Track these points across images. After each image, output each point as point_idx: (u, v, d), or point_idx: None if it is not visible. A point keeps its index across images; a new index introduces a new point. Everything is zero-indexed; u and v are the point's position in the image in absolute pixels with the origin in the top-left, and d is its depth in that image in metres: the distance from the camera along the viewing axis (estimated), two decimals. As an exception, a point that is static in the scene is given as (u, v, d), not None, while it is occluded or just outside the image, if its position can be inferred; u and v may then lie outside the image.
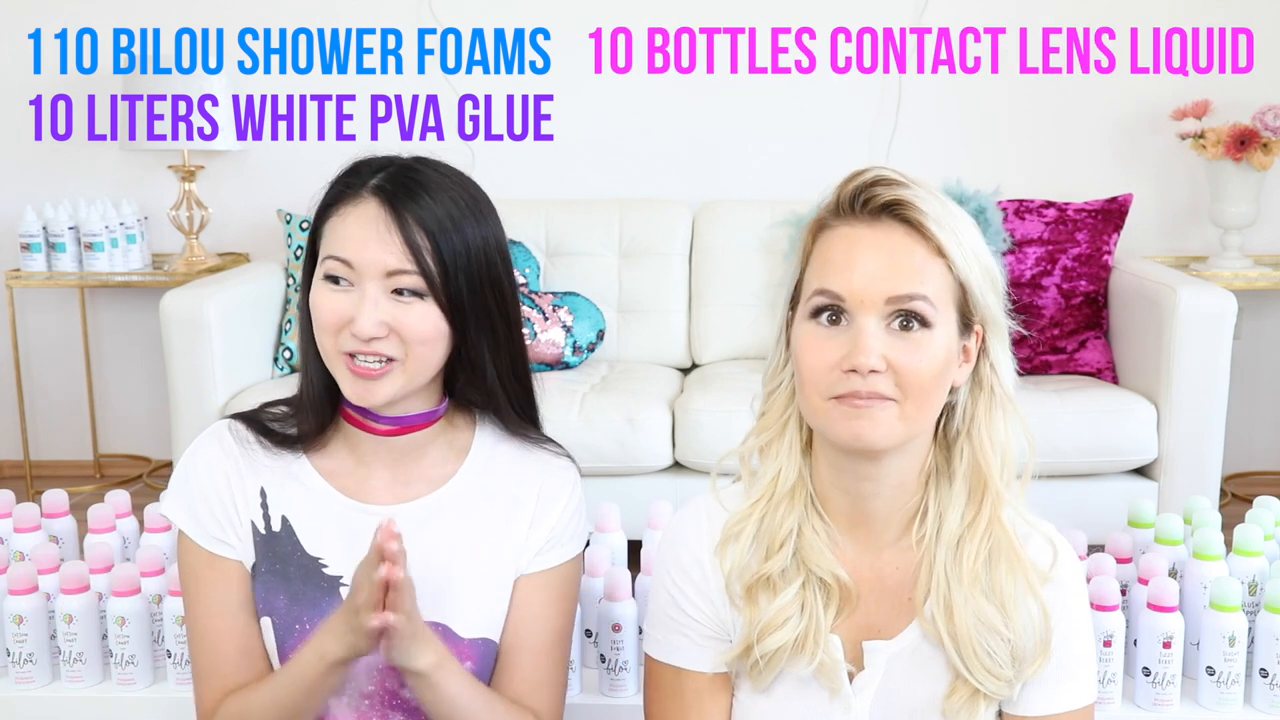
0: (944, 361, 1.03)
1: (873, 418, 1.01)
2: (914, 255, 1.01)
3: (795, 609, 1.08)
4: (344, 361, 1.15)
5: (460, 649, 1.19)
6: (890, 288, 1.00)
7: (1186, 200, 3.37)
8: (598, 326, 3.06)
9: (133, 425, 3.61)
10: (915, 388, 1.01)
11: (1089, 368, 2.90)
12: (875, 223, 1.03)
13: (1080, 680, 1.10)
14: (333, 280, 1.14)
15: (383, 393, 1.15)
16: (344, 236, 1.14)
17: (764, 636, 1.08)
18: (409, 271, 1.12)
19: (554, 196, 3.34)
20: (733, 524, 1.11)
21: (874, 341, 1.00)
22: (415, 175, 1.16)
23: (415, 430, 1.22)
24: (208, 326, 2.68)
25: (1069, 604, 1.10)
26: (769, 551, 1.09)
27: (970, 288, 1.04)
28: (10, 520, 1.69)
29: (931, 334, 1.01)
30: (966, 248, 1.03)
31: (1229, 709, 1.44)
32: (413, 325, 1.13)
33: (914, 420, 1.03)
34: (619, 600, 1.48)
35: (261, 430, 1.23)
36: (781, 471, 1.11)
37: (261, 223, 3.46)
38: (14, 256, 3.32)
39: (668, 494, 2.58)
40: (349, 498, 1.22)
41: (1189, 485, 2.57)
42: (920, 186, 1.04)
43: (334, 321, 1.14)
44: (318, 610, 1.18)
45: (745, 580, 1.10)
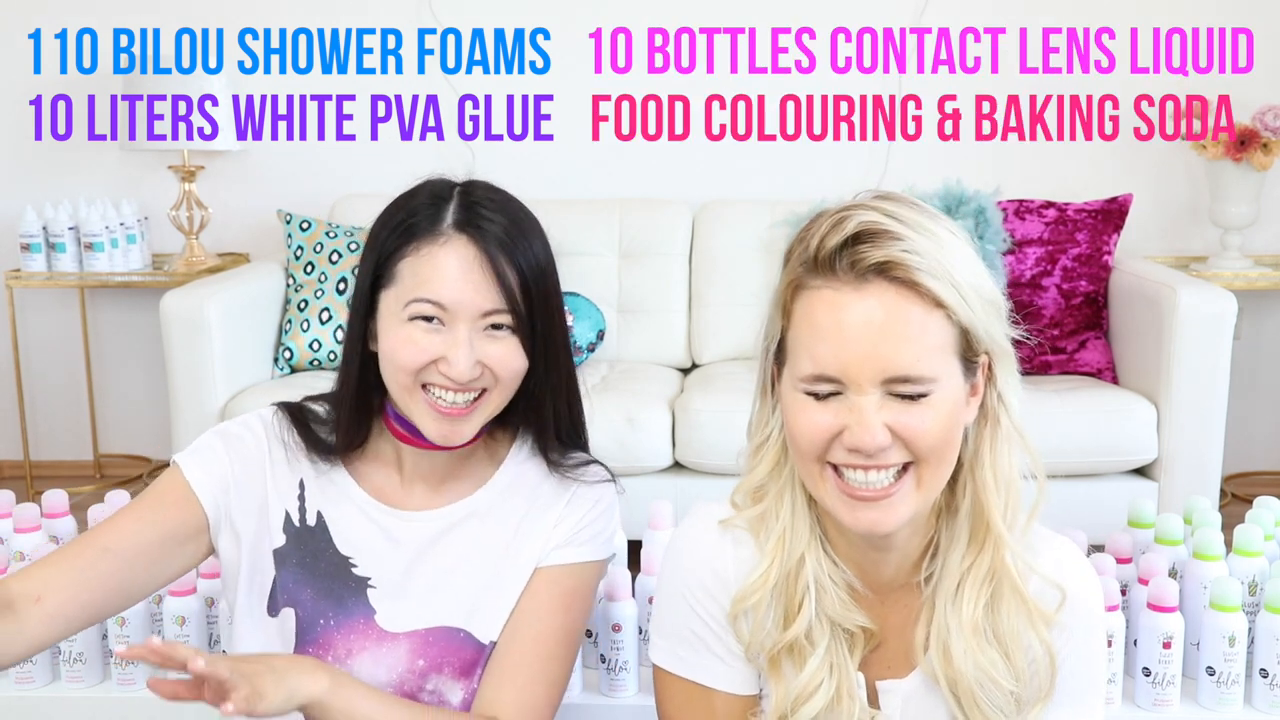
0: (953, 413, 0.95)
1: (889, 507, 0.95)
2: (910, 320, 0.92)
3: (825, 671, 1.03)
4: (424, 399, 1.14)
5: (479, 654, 1.20)
6: (886, 367, 0.92)
7: (1186, 200, 3.37)
8: (598, 326, 3.06)
9: (133, 425, 3.61)
10: (927, 450, 0.94)
11: (1089, 368, 2.90)
12: (863, 285, 0.92)
13: (1091, 704, 1.08)
14: (423, 320, 1.13)
15: (468, 430, 1.16)
16: (434, 278, 1.12)
17: (798, 707, 1.03)
18: (502, 310, 1.13)
19: (554, 196, 3.33)
20: (744, 597, 1.04)
21: (874, 417, 0.92)
22: (490, 207, 1.15)
23: (462, 446, 1.21)
24: (208, 326, 2.68)
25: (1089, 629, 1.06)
26: (788, 616, 1.03)
27: (974, 329, 0.95)
28: (10, 520, 1.69)
29: (935, 396, 0.93)
30: (965, 285, 0.93)
31: (1229, 709, 1.43)
32: (503, 360, 1.14)
33: (933, 483, 0.97)
34: (619, 600, 1.47)
35: (305, 432, 1.24)
36: (787, 532, 1.04)
37: (261, 223, 3.46)
38: (14, 256, 3.32)
39: (668, 494, 2.58)
40: (383, 503, 1.23)
41: (1189, 485, 2.58)
42: (906, 223, 0.93)
43: (423, 362, 1.13)
44: (342, 608, 1.19)
45: (768, 650, 1.04)
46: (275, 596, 1.21)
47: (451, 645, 1.20)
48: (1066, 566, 1.06)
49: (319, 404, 1.27)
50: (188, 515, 1.19)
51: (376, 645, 1.19)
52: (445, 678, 1.19)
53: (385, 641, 1.19)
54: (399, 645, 1.19)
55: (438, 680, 1.19)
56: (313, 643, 1.19)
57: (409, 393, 1.15)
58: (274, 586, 1.21)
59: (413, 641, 1.19)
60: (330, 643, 1.19)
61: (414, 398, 1.15)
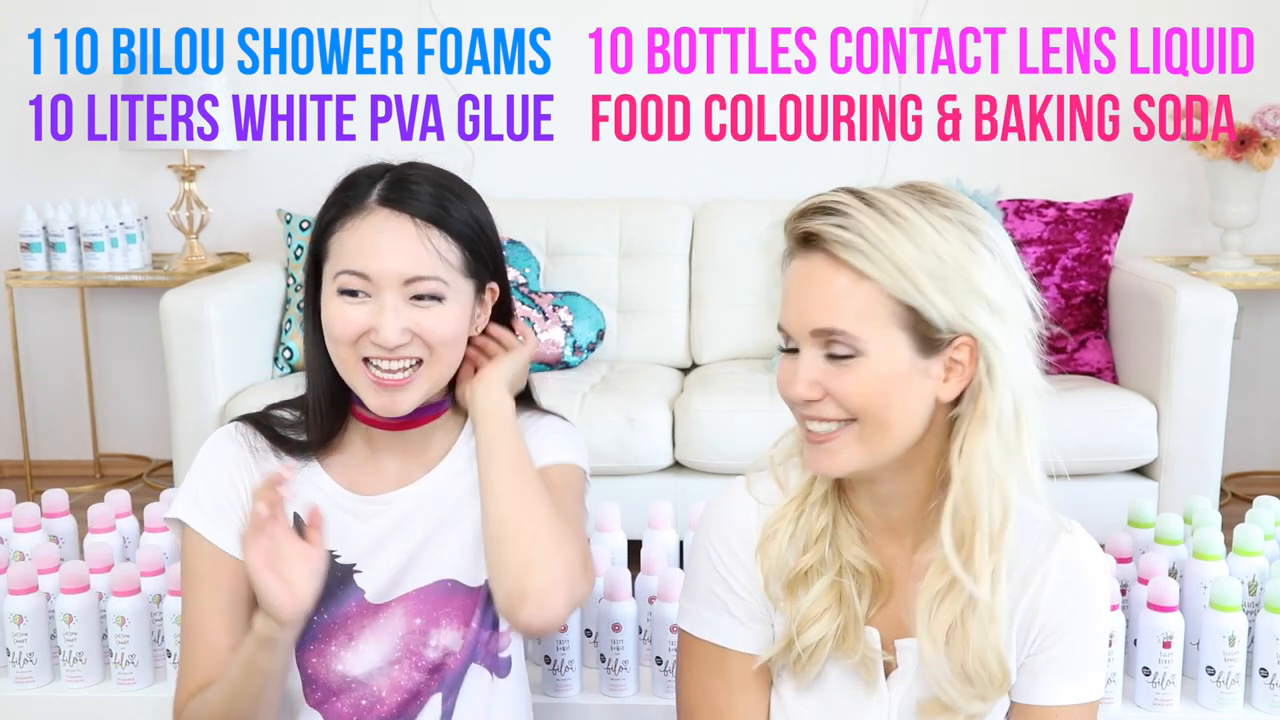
0: (884, 383, 1.02)
1: (829, 452, 1.05)
2: (833, 285, 1.02)
3: (832, 599, 1.10)
4: (365, 373, 1.17)
5: (472, 598, 1.22)
6: (810, 320, 1.03)
7: (1186, 200, 3.37)
8: (598, 326, 3.06)
9: (133, 425, 3.61)
10: (859, 409, 1.02)
11: (1089, 368, 2.90)
12: (806, 254, 1.05)
13: (1092, 674, 1.12)
14: (349, 294, 1.16)
15: (408, 401, 1.18)
16: (355, 249, 1.16)
17: (804, 629, 1.09)
18: (426, 276, 1.15)
19: (554, 196, 3.34)
20: (771, 523, 1.12)
21: (805, 371, 1.03)
22: (417, 180, 1.19)
23: (426, 423, 1.25)
24: (208, 326, 2.68)
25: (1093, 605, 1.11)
26: (805, 547, 1.11)
27: (919, 306, 1.00)
28: (10, 520, 1.69)
29: (864, 359, 1.01)
30: (908, 264, 0.99)
31: (1229, 709, 1.44)
32: (434, 328, 1.17)
33: (877, 441, 1.04)
34: (619, 600, 1.48)
35: (272, 437, 1.26)
36: (815, 478, 1.12)
37: (261, 223, 3.46)
38: (14, 256, 3.32)
39: (668, 494, 2.58)
40: (355, 493, 1.25)
41: (1189, 485, 2.58)
42: (856, 207, 1.01)
43: (353, 333, 1.16)
44: (333, 599, 1.21)
45: (783, 578, 1.11)
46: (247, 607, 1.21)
47: (442, 597, 1.22)
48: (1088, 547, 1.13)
49: (284, 410, 1.30)
50: (231, 573, 1.21)
51: (374, 620, 1.21)
52: (444, 630, 1.22)
53: (381, 613, 1.22)
54: (394, 612, 1.22)
55: (438, 635, 1.22)
56: (314, 639, 1.21)
57: (351, 367, 1.18)
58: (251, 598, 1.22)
59: (405, 605, 1.22)
60: (330, 634, 1.21)
61: (356, 371, 1.18)
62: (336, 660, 1.21)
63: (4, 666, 1.54)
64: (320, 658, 1.21)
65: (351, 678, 1.21)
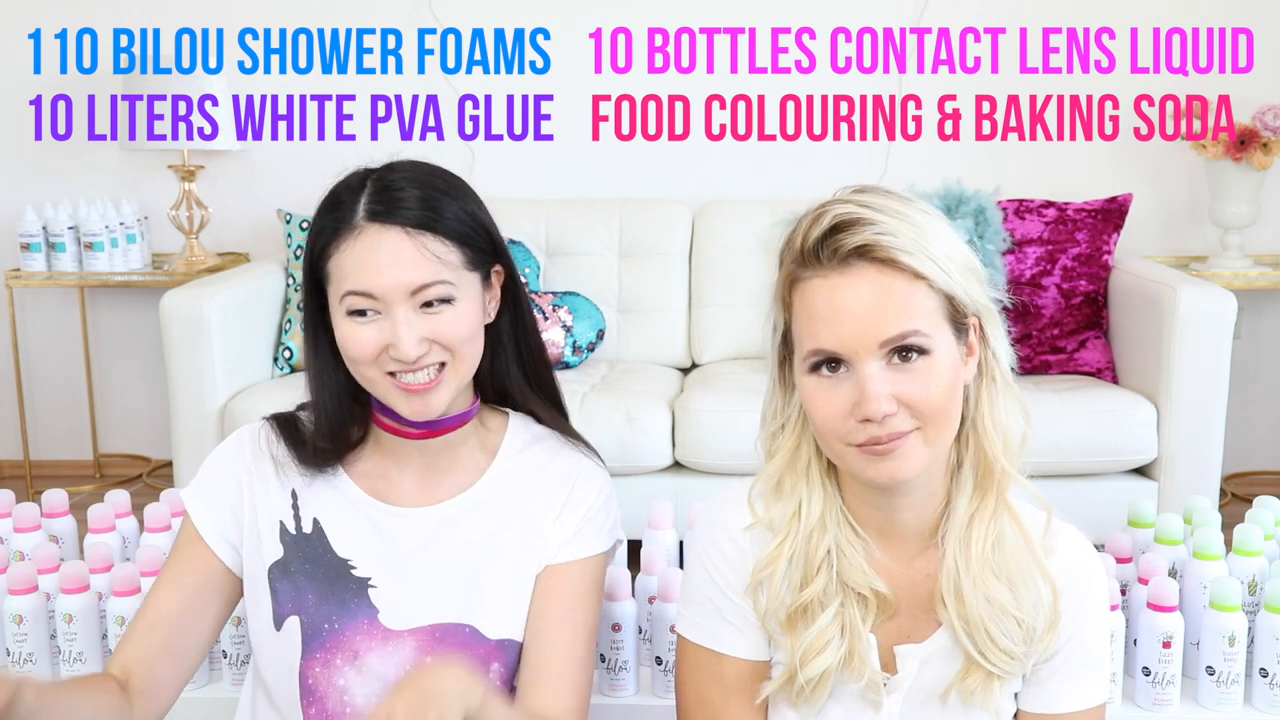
0: (951, 376, 1.03)
1: (902, 456, 1.02)
2: (894, 291, 1.00)
3: (835, 630, 1.08)
4: (393, 384, 1.16)
5: (487, 651, 1.20)
6: (881, 331, 1.00)
7: (1186, 200, 3.38)
8: (598, 326, 3.06)
9: (133, 425, 3.61)
10: (932, 412, 1.02)
11: (1089, 368, 2.90)
12: (847, 269, 1.01)
13: (1096, 679, 1.12)
14: (358, 314, 1.15)
15: (439, 402, 1.17)
16: (355, 270, 1.14)
17: (807, 662, 1.08)
18: (434, 283, 1.14)
19: (554, 196, 3.34)
20: (761, 568, 1.10)
21: (878, 386, 1.00)
22: (400, 186, 1.17)
23: (448, 432, 1.23)
24: (208, 326, 2.68)
25: (1092, 602, 1.11)
26: (805, 579, 1.09)
27: (955, 294, 1.03)
28: (10, 520, 1.69)
29: (932, 357, 1.01)
30: (941, 256, 1.02)
31: (1229, 709, 1.44)
32: (450, 330, 1.16)
33: (940, 440, 1.04)
34: (619, 600, 1.48)
35: (297, 443, 1.25)
36: (803, 505, 1.11)
37: (261, 223, 3.46)
38: (14, 256, 3.32)
39: (668, 494, 2.58)
40: (380, 501, 1.24)
41: (1189, 485, 2.57)
42: (879, 209, 1.02)
43: (371, 353, 1.15)
44: (346, 610, 1.20)
45: (782, 614, 1.10)
46: (276, 610, 1.21)
47: (459, 642, 1.20)
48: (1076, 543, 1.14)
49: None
50: (206, 565, 1.23)
51: (383, 644, 1.19)
52: None
53: (391, 640, 1.19)
54: (405, 643, 1.19)
55: None
56: (320, 647, 1.19)
57: (378, 384, 1.17)
58: (273, 601, 1.22)
59: (419, 639, 1.20)
60: (338, 645, 1.19)
61: (384, 386, 1.17)
62: (339, 674, 1.19)
63: (4, 666, 1.53)
64: (325, 668, 1.19)
65: (353, 709, 1.18)
